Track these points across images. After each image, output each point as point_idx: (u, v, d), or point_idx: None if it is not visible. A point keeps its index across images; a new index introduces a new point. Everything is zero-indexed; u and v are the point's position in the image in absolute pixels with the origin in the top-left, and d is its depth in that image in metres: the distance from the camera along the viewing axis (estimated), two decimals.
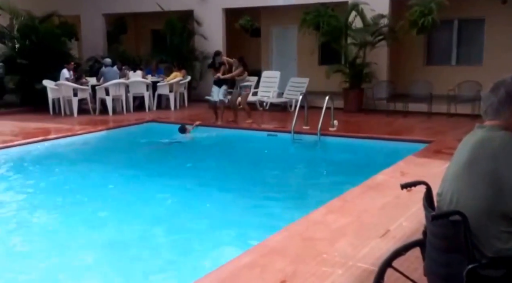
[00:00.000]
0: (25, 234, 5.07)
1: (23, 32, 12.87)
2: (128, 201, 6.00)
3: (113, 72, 12.34)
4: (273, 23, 15.22)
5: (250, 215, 5.43)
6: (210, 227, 5.05)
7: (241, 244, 4.32)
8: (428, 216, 2.24)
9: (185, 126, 9.69)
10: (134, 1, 15.18)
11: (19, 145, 8.54)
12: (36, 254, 4.53)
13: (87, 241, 4.79)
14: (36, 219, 5.50)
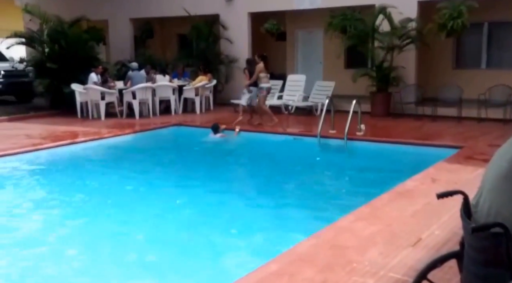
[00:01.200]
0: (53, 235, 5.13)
1: (53, 36, 13.05)
2: (153, 204, 6.00)
3: (140, 76, 12.47)
4: (299, 26, 15.16)
5: (276, 221, 5.36)
6: (235, 232, 5.01)
7: (268, 251, 4.26)
8: (467, 228, 2.15)
9: (218, 125, 9.58)
10: (161, 6, 15.33)
11: (47, 148, 8.64)
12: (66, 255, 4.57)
13: (113, 244, 4.81)
14: (62, 222, 5.55)
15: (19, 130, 10.28)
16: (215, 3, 14.35)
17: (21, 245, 4.85)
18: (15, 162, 7.92)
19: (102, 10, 16.23)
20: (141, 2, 15.72)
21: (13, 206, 6.14)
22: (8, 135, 9.68)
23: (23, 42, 13.87)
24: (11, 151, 8.24)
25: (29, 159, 8.11)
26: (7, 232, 5.23)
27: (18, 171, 7.68)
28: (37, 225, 5.47)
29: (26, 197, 6.52)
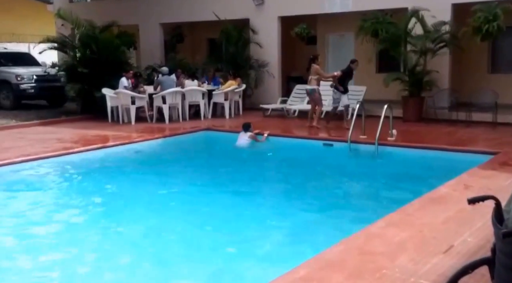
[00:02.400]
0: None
1: (84, 41, 13.23)
2: (180, 209, 6.00)
3: (170, 80, 12.56)
4: (330, 30, 15.03)
5: (305, 226, 5.30)
6: (264, 237, 4.96)
7: (297, 255, 4.19)
8: (498, 233, 2.08)
9: (250, 124, 9.51)
10: (191, 11, 15.46)
11: (78, 152, 8.75)
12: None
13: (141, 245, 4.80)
14: (94, 225, 5.60)
15: (51, 134, 10.47)
16: (245, 7, 14.37)
17: (57, 247, 4.92)
18: (47, 166, 8.04)
19: (133, 15, 16.50)
20: (172, 7, 15.90)
21: (46, 209, 6.23)
22: (40, 139, 9.86)
23: (55, 47, 14.15)
24: (42, 154, 8.37)
25: (60, 163, 8.23)
26: (44, 233, 5.32)
27: (50, 175, 7.81)
28: (70, 228, 5.53)
29: (58, 200, 6.62)
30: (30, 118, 12.51)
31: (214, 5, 14.56)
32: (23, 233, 5.30)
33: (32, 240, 5.14)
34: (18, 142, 9.63)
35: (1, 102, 14.73)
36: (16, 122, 11.95)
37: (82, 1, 19.27)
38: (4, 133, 10.72)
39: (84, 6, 18.37)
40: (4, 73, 14.73)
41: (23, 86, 14.50)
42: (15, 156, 8.18)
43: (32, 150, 8.70)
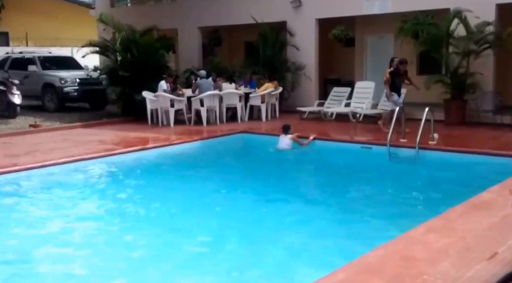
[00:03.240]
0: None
1: (125, 45, 13.50)
2: (217, 211, 6.02)
3: (208, 83, 12.67)
4: (368, 32, 14.83)
5: (344, 230, 5.23)
6: (303, 241, 4.92)
7: (335, 260, 4.15)
8: None
9: (290, 126, 9.42)
10: (229, 14, 15.58)
11: (119, 153, 8.92)
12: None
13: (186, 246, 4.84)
14: (137, 227, 5.68)
15: (93, 136, 10.74)
16: (283, 10, 14.37)
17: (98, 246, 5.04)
18: (89, 167, 8.25)
19: (172, 19, 16.76)
20: (210, 11, 16.07)
21: (89, 208, 6.43)
22: (83, 141, 10.12)
23: (97, 51, 14.51)
24: (85, 155, 8.59)
25: (102, 164, 8.43)
26: (86, 231, 5.48)
27: (92, 175, 8.00)
28: (112, 228, 5.66)
29: (99, 200, 6.77)
30: (73, 120, 12.88)
31: (252, 8, 14.62)
32: (67, 229, 5.50)
33: (76, 235, 5.33)
34: (62, 143, 9.91)
35: (46, 105, 15.21)
36: (60, 124, 12.32)
37: (123, 5, 19.73)
38: (49, 135, 11.07)
39: (125, 10, 18.79)
40: (49, 77, 15.22)
41: (66, 89, 14.91)
42: (59, 157, 8.42)
43: (75, 151, 8.93)
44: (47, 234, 5.40)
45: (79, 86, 15.02)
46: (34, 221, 5.82)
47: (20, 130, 11.36)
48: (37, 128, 11.58)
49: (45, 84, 15.15)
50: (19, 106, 13.39)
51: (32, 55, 16.27)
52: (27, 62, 15.79)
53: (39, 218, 5.96)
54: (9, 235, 5.36)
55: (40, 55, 16.44)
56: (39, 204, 6.54)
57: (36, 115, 13.37)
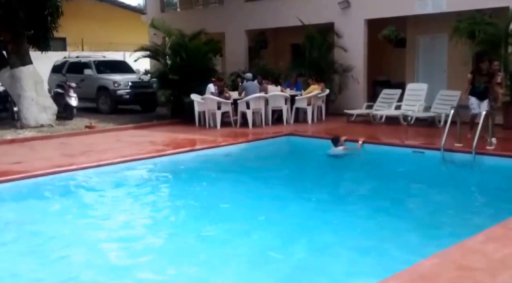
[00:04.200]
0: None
1: (175, 49, 13.77)
2: (263, 214, 6.00)
3: (254, 86, 12.71)
4: (420, 32, 14.41)
5: (396, 237, 5.09)
6: (353, 247, 4.82)
7: (388, 267, 4.03)
8: None
9: (339, 137, 9.22)
10: (275, 17, 15.58)
11: (170, 154, 9.10)
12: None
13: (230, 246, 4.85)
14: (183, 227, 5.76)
15: (144, 137, 11.00)
16: (330, 11, 14.22)
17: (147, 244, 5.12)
18: (141, 166, 8.46)
19: (220, 23, 16.94)
20: (257, 14, 16.13)
21: (142, 207, 6.59)
22: (135, 142, 10.40)
23: (148, 55, 14.88)
24: (137, 156, 8.83)
25: (153, 164, 8.62)
26: (137, 229, 5.62)
27: (144, 175, 8.20)
28: (161, 225, 5.78)
29: (151, 199, 6.92)
30: (125, 122, 13.25)
31: (299, 10, 14.55)
32: (124, 225, 5.71)
33: (128, 231, 5.50)
34: (115, 144, 10.23)
35: (100, 107, 15.73)
36: (113, 125, 12.70)
37: (173, 10, 20.14)
38: (103, 135, 11.45)
39: (174, 15, 19.17)
40: (103, 80, 15.73)
41: (119, 92, 15.37)
42: (114, 157, 8.69)
43: (128, 152, 9.19)
44: (106, 230, 5.59)
45: (131, 89, 15.44)
46: (93, 218, 6.02)
47: (76, 131, 11.81)
48: (92, 129, 12.01)
49: (100, 87, 15.67)
50: (75, 108, 13.91)
51: (87, 60, 16.86)
52: (83, 66, 16.39)
53: (97, 215, 6.16)
54: (69, 231, 5.55)
55: (95, 59, 17.01)
56: (95, 201, 6.76)
57: (91, 117, 13.86)
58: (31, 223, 5.84)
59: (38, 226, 5.75)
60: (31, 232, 5.51)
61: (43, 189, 7.08)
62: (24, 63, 12.41)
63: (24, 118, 12.29)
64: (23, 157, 8.87)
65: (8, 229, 5.67)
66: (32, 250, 4.97)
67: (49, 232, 5.52)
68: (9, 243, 5.20)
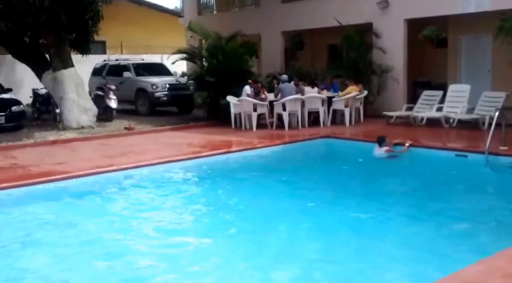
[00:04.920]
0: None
1: (211, 52, 13.87)
2: (301, 218, 5.93)
3: (290, 88, 12.63)
4: (463, 32, 13.98)
5: (440, 242, 4.97)
6: (395, 256, 4.72)
7: (429, 274, 3.94)
8: None
9: (384, 137, 9.02)
10: (312, 18, 15.45)
11: (206, 156, 9.17)
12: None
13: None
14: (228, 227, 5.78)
15: (181, 139, 11.12)
16: (369, 11, 13.99)
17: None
18: (179, 168, 8.54)
19: (256, 24, 16.94)
20: (293, 15, 16.04)
21: (178, 206, 6.68)
22: (172, 143, 10.52)
23: (186, 57, 15.02)
24: (174, 157, 8.93)
25: (190, 165, 8.68)
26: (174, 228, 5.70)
27: (181, 176, 8.27)
28: (202, 228, 5.83)
29: (192, 201, 6.99)
30: (163, 124, 13.41)
31: (336, 10, 14.39)
32: (162, 226, 5.79)
33: (166, 229, 5.60)
34: (154, 145, 10.37)
35: (138, 109, 16.00)
36: (151, 127, 12.90)
37: (209, 13, 20.30)
38: (141, 137, 11.63)
39: (211, 17, 19.32)
40: (141, 82, 15.99)
41: (157, 94, 15.57)
42: (152, 158, 8.83)
43: (166, 153, 9.31)
44: (144, 229, 5.67)
45: (169, 92, 15.61)
46: (133, 217, 6.12)
47: (116, 133, 12.04)
48: (130, 131, 12.23)
49: (138, 89, 15.92)
50: (115, 110, 14.21)
51: (126, 62, 17.16)
52: (122, 69, 16.70)
53: (137, 215, 6.25)
54: (108, 230, 5.68)
55: (134, 62, 17.31)
56: (134, 201, 6.88)
57: (129, 119, 14.11)
58: (76, 222, 5.97)
59: (84, 225, 5.89)
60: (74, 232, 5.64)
61: (84, 189, 7.23)
62: (66, 66, 12.75)
63: (66, 120, 12.62)
64: (65, 157, 9.11)
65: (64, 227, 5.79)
66: (79, 251, 5.05)
67: (99, 230, 5.68)
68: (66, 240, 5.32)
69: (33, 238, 5.44)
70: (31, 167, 8.24)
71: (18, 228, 5.77)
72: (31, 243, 5.26)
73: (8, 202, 6.67)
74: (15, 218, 6.11)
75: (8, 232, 5.66)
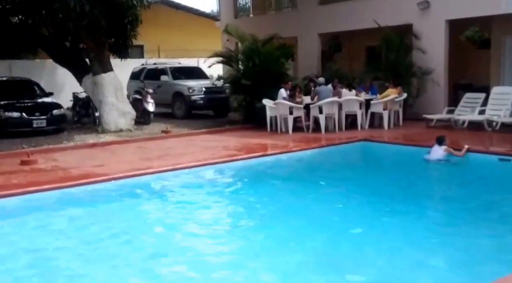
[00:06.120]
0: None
1: (248, 55, 13.84)
2: (335, 222, 5.83)
3: (327, 90, 12.47)
4: (507, 32, 13.44)
5: (485, 250, 4.80)
6: (433, 264, 4.57)
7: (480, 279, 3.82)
8: None
9: (444, 137, 8.77)
10: (350, 19, 15.23)
11: (242, 159, 9.16)
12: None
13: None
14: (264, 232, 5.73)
15: (217, 142, 11.14)
16: (408, 12, 13.67)
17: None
18: (215, 170, 8.59)
19: (293, 27, 16.84)
20: (330, 17, 15.86)
21: (214, 209, 6.71)
22: (208, 146, 10.56)
23: (222, 61, 15.07)
24: (211, 160, 8.97)
25: (226, 168, 8.71)
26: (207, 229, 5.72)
27: (217, 179, 8.33)
28: (243, 227, 5.86)
29: (225, 203, 7.05)
30: (199, 127, 13.50)
31: (374, 12, 14.13)
32: (201, 227, 5.83)
33: (208, 232, 5.63)
34: (190, 148, 10.44)
35: (175, 112, 16.15)
36: (188, 130, 12.98)
37: (245, 16, 20.34)
38: (178, 140, 11.73)
39: (247, 21, 19.34)
40: (178, 86, 16.14)
41: (193, 98, 15.68)
42: (188, 161, 8.89)
43: (201, 156, 9.36)
44: (183, 231, 5.70)
45: (205, 95, 15.68)
46: (171, 219, 6.20)
47: (153, 136, 12.18)
48: (167, 134, 12.34)
49: (175, 93, 16.06)
50: (152, 113, 14.40)
51: (164, 66, 17.36)
52: (160, 72, 16.90)
53: (175, 216, 6.33)
54: (147, 232, 5.73)
55: (171, 66, 17.48)
56: (174, 203, 6.95)
57: (166, 122, 14.23)
58: (113, 225, 6.05)
59: (125, 227, 5.95)
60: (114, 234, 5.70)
61: (123, 191, 7.32)
62: (105, 70, 13.01)
63: (105, 123, 12.86)
64: (104, 160, 9.27)
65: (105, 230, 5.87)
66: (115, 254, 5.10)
67: (137, 232, 5.74)
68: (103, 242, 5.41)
69: (69, 239, 5.52)
70: (71, 169, 8.42)
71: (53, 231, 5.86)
72: (65, 247, 5.29)
73: (49, 203, 6.79)
74: (54, 219, 6.25)
75: (45, 233, 5.75)
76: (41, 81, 15.63)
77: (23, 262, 4.85)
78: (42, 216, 6.36)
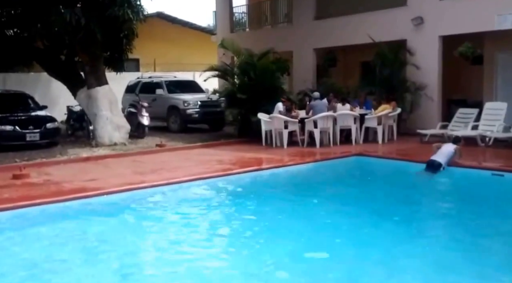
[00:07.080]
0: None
1: (243, 69, 13.91)
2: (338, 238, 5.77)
3: (322, 105, 12.52)
4: (499, 49, 13.60)
5: (478, 268, 4.75)
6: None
7: None
8: None
9: (461, 139, 8.90)
10: (345, 35, 15.36)
11: (236, 173, 9.14)
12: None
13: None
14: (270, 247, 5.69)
15: (211, 156, 11.12)
16: (403, 28, 13.82)
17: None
18: (208, 185, 8.52)
19: (288, 42, 16.96)
20: (326, 32, 15.99)
21: (208, 224, 6.67)
22: (203, 160, 10.54)
23: (218, 74, 15.12)
24: (205, 174, 8.94)
25: (220, 183, 8.67)
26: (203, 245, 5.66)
27: (211, 194, 8.27)
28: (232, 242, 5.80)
29: (217, 218, 6.98)
30: (194, 141, 13.48)
31: (369, 27, 14.26)
32: (193, 243, 5.76)
33: (197, 249, 5.53)
34: (185, 162, 10.41)
35: (170, 126, 16.13)
36: (182, 144, 12.94)
37: (241, 30, 20.47)
38: (172, 154, 11.71)
39: (243, 35, 19.46)
40: (173, 100, 16.14)
41: (189, 112, 15.67)
42: (183, 175, 8.85)
43: (196, 170, 9.33)
44: (175, 247, 5.64)
45: (200, 109, 15.69)
46: (164, 234, 6.16)
47: (147, 150, 12.15)
48: (162, 147, 12.31)
49: (170, 106, 16.06)
50: (147, 127, 14.37)
51: (159, 80, 17.36)
52: (155, 86, 16.91)
53: (169, 231, 6.29)
54: (139, 246, 5.70)
55: (166, 79, 17.49)
56: (167, 218, 6.91)
57: (161, 136, 14.19)
58: (107, 238, 6.00)
59: (118, 240, 5.90)
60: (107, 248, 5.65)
61: (116, 205, 7.27)
62: (100, 84, 12.99)
63: (99, 136, 12.80)
64: (98, 174, 9.22)
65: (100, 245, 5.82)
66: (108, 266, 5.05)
67: (131, 246, 5.71)
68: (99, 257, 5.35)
69: (64, 253, 5.47)
70: (64, 183, 8.36)
71: (50, 244, 5.82)
72: (61, 260, 5.27)
73: (40, 218, 6.73)
74: (47, 234, 6.19)
75: (39, 248, 5.70)
76: (35, 95, 15.58)
77: (14, 278, 4.79)
78: (34, 231, 6.30)
